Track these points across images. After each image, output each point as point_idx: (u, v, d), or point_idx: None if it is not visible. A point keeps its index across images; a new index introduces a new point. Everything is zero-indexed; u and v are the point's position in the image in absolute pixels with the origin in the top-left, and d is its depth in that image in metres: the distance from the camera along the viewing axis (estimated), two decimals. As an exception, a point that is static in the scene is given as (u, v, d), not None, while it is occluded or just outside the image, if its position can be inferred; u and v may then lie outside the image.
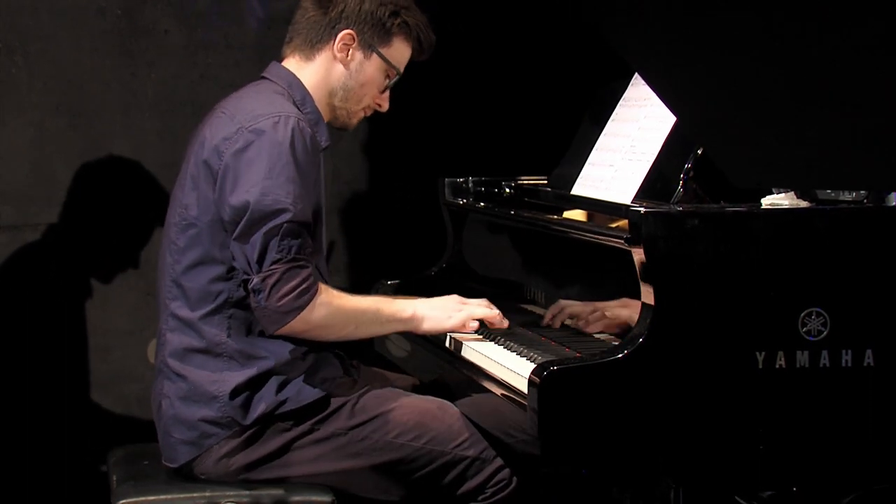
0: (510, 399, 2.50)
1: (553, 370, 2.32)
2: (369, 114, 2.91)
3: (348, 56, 2.80)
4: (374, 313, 2.74)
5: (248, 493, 2.64)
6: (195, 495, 2.64)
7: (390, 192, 3.95)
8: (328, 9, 2.80)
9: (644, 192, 2.70)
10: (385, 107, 2.90)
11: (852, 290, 2.41)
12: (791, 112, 1.55)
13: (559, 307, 2.88)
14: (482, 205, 3.33)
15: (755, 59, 1.50)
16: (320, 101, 2.82)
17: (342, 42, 2.79)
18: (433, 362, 2.95)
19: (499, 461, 2.70)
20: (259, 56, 3.74)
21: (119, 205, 3.71)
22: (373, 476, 2.70)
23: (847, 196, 2.53)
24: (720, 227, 2.39)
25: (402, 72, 2.86)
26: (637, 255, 2.39)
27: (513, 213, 3.11)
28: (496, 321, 2.81)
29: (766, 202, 2.53)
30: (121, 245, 3.73)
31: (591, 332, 2.75)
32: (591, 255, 2.71)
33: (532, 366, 2.43)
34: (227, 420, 2.65)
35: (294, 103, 2.75)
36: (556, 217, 2.93)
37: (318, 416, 2.68)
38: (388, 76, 2.85)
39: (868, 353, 2.39)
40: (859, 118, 1.50)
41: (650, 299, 2.36)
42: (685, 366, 2.35)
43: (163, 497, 2.64)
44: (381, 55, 2.81)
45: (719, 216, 2.40)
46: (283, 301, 2.57)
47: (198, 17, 3.75)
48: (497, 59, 3.92)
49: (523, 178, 3.36)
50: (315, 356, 2.71)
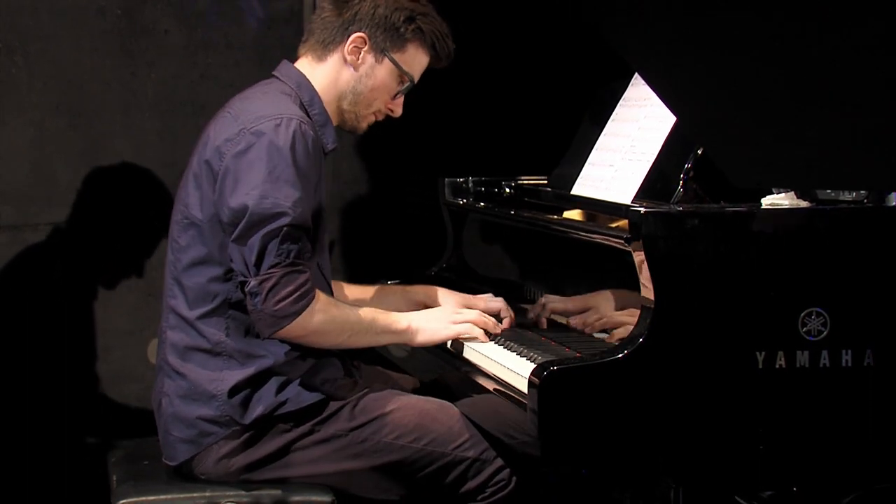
0: (510, 399, 2.50)
1: (553, 370, 2.32)
2: (381, 118, 2.87)
3: (359, 59, 2.77)
4: (370, 323, 2.71)
5: (248, 493, 2.64)
6: (195, 495, 2.64)
7: (390, 192, 3.94)
8: (343, 10, 2.78)
9: (644, 192, 2.70)
10: (398, 112, 2.86)
11: (852, 290, 2.40)
12: (791, 112, 1.55)
13: (541, 304, 2.89)
14: (482, 205, 3.33)
15: (755, 59, 1.50)
16: (329, 104, 2.79)
17: (353, 45, 2.76)
18: (433, 362, 2.94)
19: (499, 462, 2.70)
20: (259, 56, 3.74)
21: (119, 205, 3.71)
22: (373, 477, 2.70)
23: (847, 196, 2.53)
24: (720, 227, 2.39)
25: (416, 79, 2.82)
26: (637, 255, 2.39)
27: (513, 213, 3.11)
28: (489, 328, 2.81)
29: (766, 202, 2.53)
30: (121, 245, 3.72)
31: (575, 326, 2.76)
32: (591, 255, 2.71)
33: (532, 366, 2.43)
34: (225, 419, 2.65)
35: (301, 104, 2.74)
36: (556, 217, 2.93)
37: (319, 418, 2.67)
38: (401, 82, 2.81)
39: (868, 353, 2.39)
40: (859, 118, 1.50)
41: (650, 299, 2.36)
42: (685, 366, 2.35)
43: (163, 497, 2.64)
44: (393, 60, 2.78)
45: (719, 216, 2.40)
46: (279, 305, 2.55)
47: (198, 17, 3.74)
48: (497, 60, 3.92)
49: (523, 178, 3.36)
50: (316, 356, 2.70)
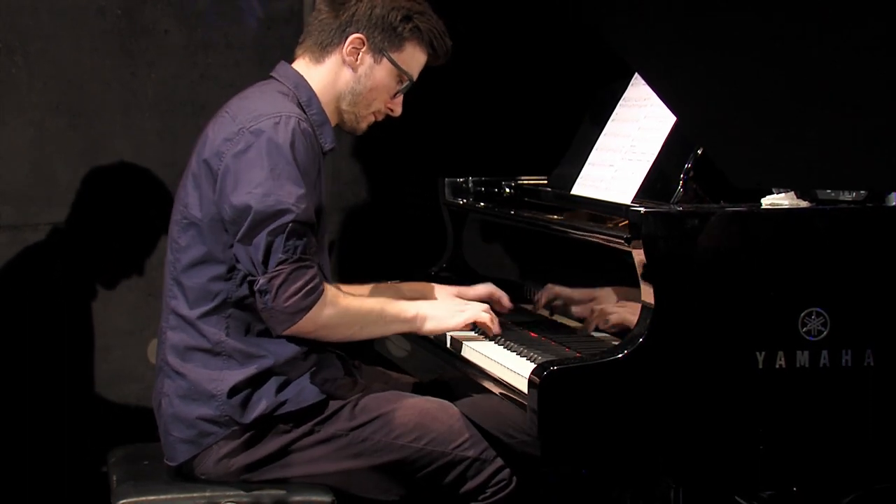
0: (510, 399, 2.50)
1: (553, 370, 2.32)
2: (380, 118, 2.87)
3: (357, 60, 2.78)
4: (379, 313, 2.73)
5: (248, 493, 2.64)
6: (195, 495, 2.64)
7: (390, 192, 3.94)
8: (340, 12, 2.78)
9: (644, 192, 2.70)
10: (397, 112, 2.86)
11: (852, 290, 2.41)
12: (791, 112, 1.55)
13: (547, 290, 2.89)
14: (482, 205, 3.33)
15: (755, 60, 1.50)
16: (328, 105, 2.80)
17: (351, 46, 2.77)
18: (433, 362, 2.95)
19: (499, 461, 2.70)
20: (259, 56, 3.74)
21: (119, 205, 3.71)
22: (373, 477, 2.70)
23: (847, 196, 2.53)
24: (720, 227, 2.39)
25: (414, 78, 2.83)
26: (637, 255, 2.39)
27: (513, 213, 3.11)
28: (494, 328, 2.81)
29: (766, 202, 2.53)
30: (121, 245, 3.73)
31: (577, 316, 2.76)
32: (591, 255, 2.71)
33: (532, 366, 2.43)
34: (225, 419, 2.65)
35: (299, 104, 2.74)
36: (556, 217, 2.93)
37: (319, 418, 2.67)
38: (400, 81, 2.82)
39: (868, 353, 2.39)
40: (859, 118, 1.50)
41: (650, 299, 2.36)
42: (685, 366, 2.35)
43: (163, 497, 2.64)
44: (391, 60, 2.78)
45: (720, 216, 2.40)
46: (290, 301, 2.56)
47: (198, 17, 3.74)
48: (497, 60, 3.92)
49: (523, 178, 3.36)
50: (316, 356, 2.70)
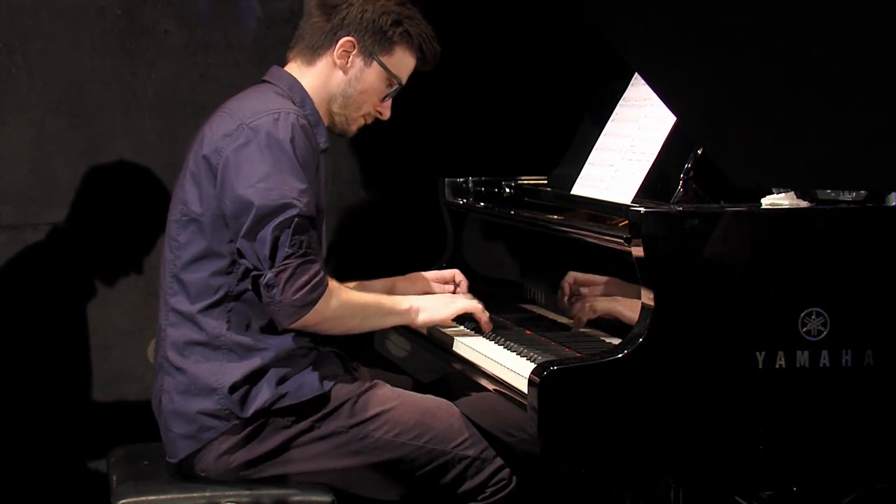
0: (510, 399, 2.50)
1: (553, 370, 2.32)
2: (370, 121, 2.92)
3: (348, 63, 2.82)
4: (377, 306, 2.79)
5: (248, 492, 2.64)
6: (195, 495, 2.64)
7: (390, 191, 3.94)
8: (331, 16, 2.82)
9: (644, 192, 2.70)
10: (386, 115, 2.91)
11: (852, 290, 2.40)
12: (791, 112, 1.55)
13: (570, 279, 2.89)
14: (482, 205, 3.33)
15: (755, 59, 1.50)
16: (320, 106, 2.84)
17: (342, 48, 2.81)
18: (433, 362, 2.95)
19: (499, 461, 2.70)
20: (259, 56, 3.74)
21: (119, 205, 3.71)
22: (373, 475, 2.70)
23: (847, 196, 2.53)
24: (720, 227, 2.39)
25: (403, 81, 2.87)
26: (637, 255, 2.39)
27: (513, 213, 3.11)
28: (484, 320, 2.87)
29: (766, 202, 2.53)
30: (121, 245, 3.73)
31: (586, 304, 2.78)
32: (591, 255, 2.71)
33: (532, 366, 2.43)
34: (225, 412, 2.66)
35: (293, 104, 2.77)
36: (556, 217, 2.93)
37: (319, 414, 2.68)
38: (389, 85, 2.86)
39: (868, 353, 2.39)
40: (859, 118, 1.50)
41: (650, 299, 2.36)
42: (685, 366, 2.35)
43: (163, 497, 2.64)
44: (381, 63, 2.82)
45: (719, 216, 2.40)
46: (297, 295, 2.59)
47: (198, 17, 3.75)
48: (497, 59, 3.92)
49: (523, 178, 3.36)
50: (315, 353, 2.72)
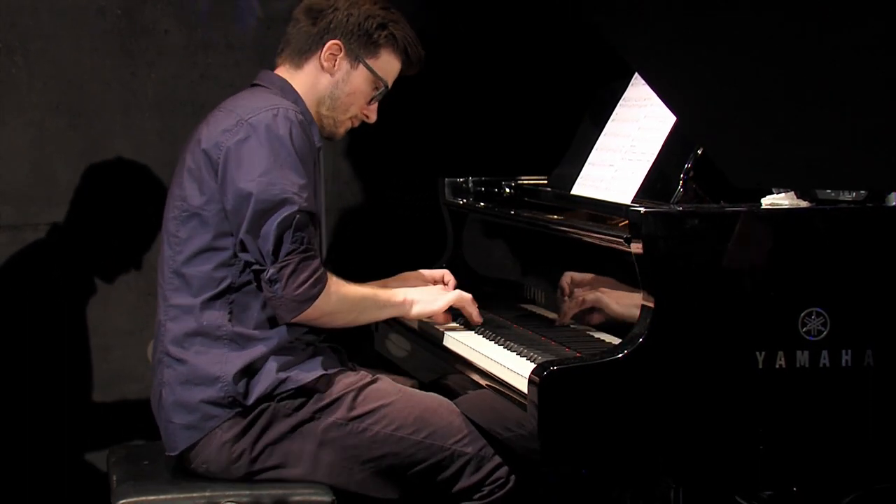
0: (510, 398, 2.50)
1: (553, 370, 2.32)
2: (356, 124, 2.97)
3: (335, 65, 2.88)
4: (373, 299, 2.83)
5: (248, 492, 2.64)
6: (195, 495, 2.64)
7: (390, 191, 3.94)
8: (317, 20, 2.88)
9: (644, 192, 2.70)
10: (372, 118, 2.96)
11: (852, 290, 2.40)
12: (791, 112, 1.55)
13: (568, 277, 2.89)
14: (482, 205, 3.33)
15: (755, 59, 1.50)
16: (309, 108, 2.88)
17: (329, 52, 2.87)
18: (433, 362, 2.95)
19: (497, 459, 2.72)
20: (259, 56, 3.74)
21: (119, 205, 3.71)
22: (371, 469, 2.72)
23: (847, 196, 2.53)
24: (720, 227, 2.39)
25: (389, 85, 2.93)
26: (637, 255, 2.39)
27: (513, 213, 3.11)
28: (474, 314, 2.91)
29: (766, 202, 2.53)
30: (121, 245, 3.73)
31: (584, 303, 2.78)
32: (591, 255, 2.71)
33: (532, 366, 2.43)
34: (229, 400, 2.68)
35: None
36: (556, 217, 2.93)
37: (320, 405, 2.71)
38: (375, 88, 2.92)
39: (868, 353, 2.39)
40: (859, 118, 1.50)
41: (650, 299, 2.36)
42: (685, 366, 2.35)
43: (163, 497, 2.64)
44: (367, 66, 2.88)
45: (719, 216, 2.40)
46: (299, 290, 2.64)
47: (198, 17, 3.75)
48: (497, 59, 3.92)
49: (523, 178, 3.37)
50: (314, 349, 2.76)
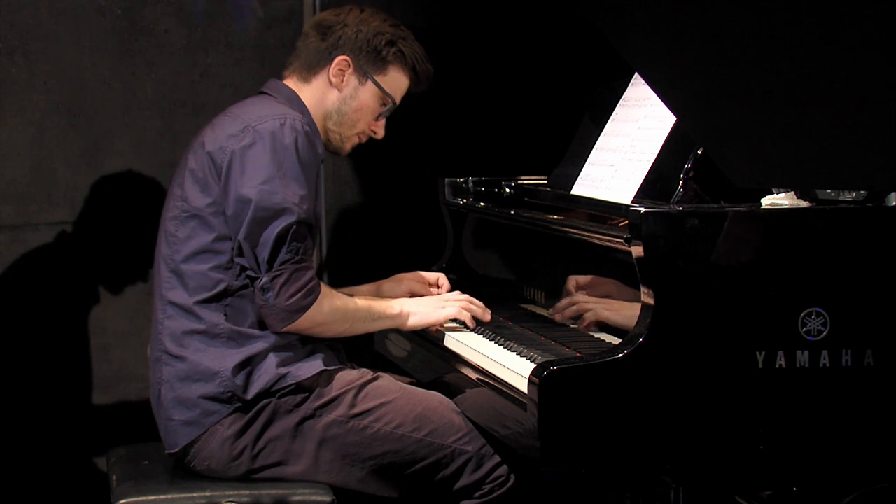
0: (510, 398, 2.50)
1: (553, 370, 2.32)
2: (363, 140, 2.99)
3: (343, 81, 2.89)
4: (367, 311, 2.83)
5: (248, 492, 2.64)
6: (195, 495, 2.64)
7: (390, 191, 3.94)
8: (326, 35, 2.90)
9: (644, 192, 2.70)
10: (380, 134, 2.98)
11: (852, 290, 2.40)
12: (791, 112, 1.55)
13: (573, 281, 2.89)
14: (482, 205, 3.33)
15: (755, 59, 1.50)
16: (316, 120, 2.89)
17: (337, 67, 2.88)
18: (432, 362, 2.95)
19: (497, 458, 2.73)
20: (259, 56, 3.74)
21: (119, 204, 3.71)
22: (372, 467, 2.72)
23: (847, 196, 2.53)
24: (720, 227, 2.39)
25: (397, 101, 2.94)
26: (637, 255, 2.39)
27: (513, 213, 3.11)
28: (478, 314, 2.90)
29: (766, 202, 2.53)
30: (121, 245, 3.72)
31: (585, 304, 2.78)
32: (591, 255, 2.71)
33: (532, 365, 2.43)
34: (228, 395, 2.69)
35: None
36: (556, 217, 2.93)
37: (321, 402, 2.72)
38: (383, 104, 2.93)
39: (868, 353, 2.39)
40: (859, 118, 1.50)
41: (650, 299, 2.36)
42: (685, 366, 2.35)
43: (163, 497, 2.64)
44: (375, 82, 2.89)
45: (719, 216, 2.40)
46: (291, 300, 2.65)
47: (198, 17, 3.74)
48: (497, 59, 3.92)
49: (523, 178, 3.37)
50: (313, 346, 2.77)
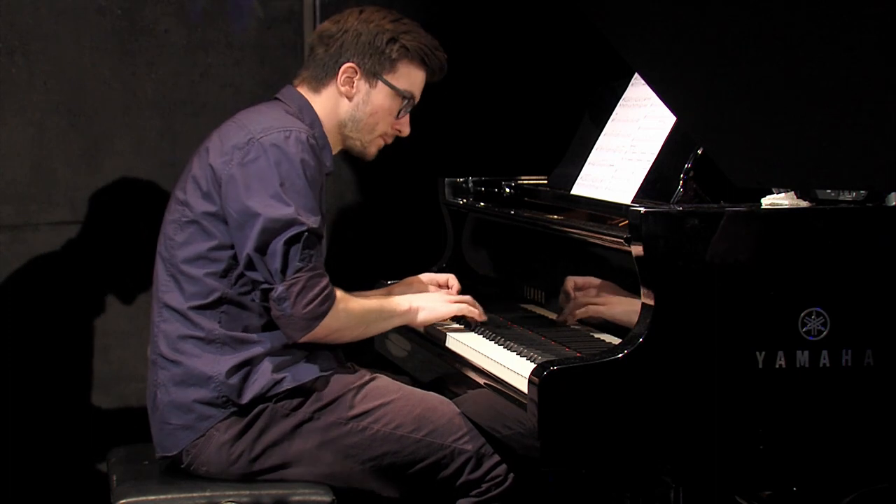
0: (510, 398, 2.50)
1: (553, 370, 2.32)
2: (389, 141, 2.94)
3: (353, 88, 2.85)
4: (379, 311, 2.82)
5: (248, 492, 2.64)
6: (195, 495, 2.64)
7: (390, 191, 3.94)
8: (329, 45, 2.86)
9: (644, 192, 2.70)
10: (405, 131, 2.93)
11: (852, 290, 2.40)
12: (791, 112, 1.55)
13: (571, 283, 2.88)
14: (482, 205, 3.33)
15: (755, 59, 1.50)
16: (331, 131, 2.87)
17: (345, 75, 2.85)
18: (433, 362, 2.95)
19: (497, 457, 2.73)
20: (259, 56, 3.74)
21: (119, 204, 3.71)
22: (371, 467, 2.72)
23: (847, 196, 2.53)
24: (720, 227, 2.39)
25: (415, 95, 2.89)
26: (637, 255, 2.39)
27: (513, 213, 3.11)
28: (476, 315, 2.92)
29: (766, 202, 2.53)
30: (121, 245, 3.72)
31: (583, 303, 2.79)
32: (591, 255, 2.71)
33: (532, 365, 2.43)
34: (222, 400, 2.68)
35: (304, 124, 2.80)
36: (556, 217, 2.93)
37: (319, 405, 2.71)
38: (401, 101, 2.87)
39: (868, 353, 2.39)
40: (859, 118, 1.50)
41: (650, 299, 2.36)
42: (685, 366, 2.35)
43: (163, 497, 2.64)
44: (386, 82, 2.85)
45: (719, 216, 2.40)
46: (308, 308, 2.63)
47: (198, 17, 3.74)
48: (497, 59, 3.92)
49: (523, 178, 3.36)
50: (309, 349, 2.75)
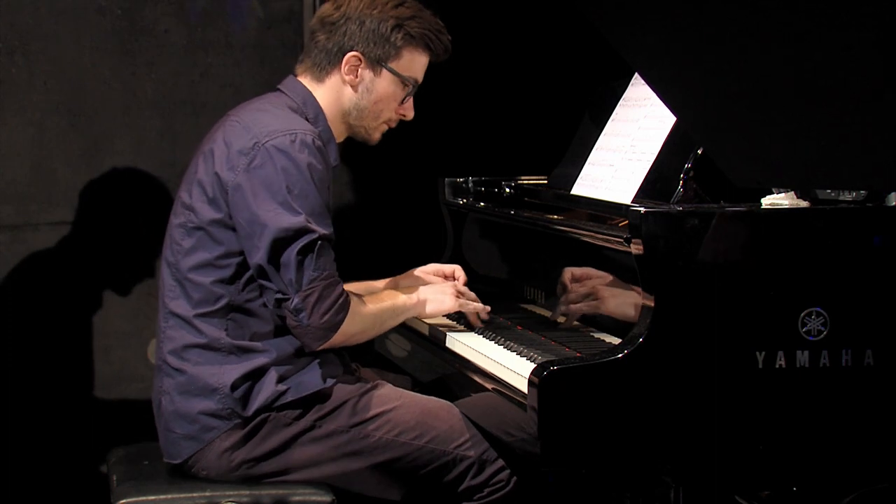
0: (510, 399, 2.50)
1: (553, 370, 2.32)
2: (394, 125, 2.91)
3: (357, 77, 2.81)
4: (390, 309, 2.81)
5: (248, 492, 2.64)
6: (195, 495, 2.64)
7: (390, 191, 3.94)
8: (332, 33, 2.82)
9: (644, 192, 2.70)
10: (410, 115, 2.90)
11: (852, 290, 2.40)
12: (791, 112, 1.55)
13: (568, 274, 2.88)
14: (482, 205, 3.33)
15: (755, 59, 1.50)
16: (334, 120, 2.83)
17: (349, 65, 2.81)
18: (433, 362, 2.95)
19: (499, 462, 2.70)
20: (259, 56, 3.74)
21: (119, 204, 3.71)
22: (374, 474, 2.70)
23: (847, 196, 2.53)
24: (720, 227, 2.39)
25: (419, 80, 2.86)
26: (637, 255, 2.39)
27: (513, 213, 3.11)
28: (480, 311, 2.93)
29: (766, 202, 2.53)
30: (121, 245, 3.72)
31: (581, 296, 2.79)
32: (591, 255, 2.71)
33: (532, 365, 2.43)
34: (227, 412, 2.66)
35: (307, 120, 2.77)
36: (556, 217, 2.93)
37: (321, 413, 2.69)
38: (404, 87, 2.85)
39: (868, 353, 2.39)
40: (859, 118, 1.50)
41: (650, 299, 2.36)
42: (685, 366, 2.35)
43: (163, 497, 2.64)
44: (391, 70, 2.82)
45: (719, 216, 2.40)
46: (325, 318, 2.61)
47: (198, 17, 3.74)
48: (497, 59, 3.92)
49: (523, 178, 3.36)
50: (314, 354, 2.72)
